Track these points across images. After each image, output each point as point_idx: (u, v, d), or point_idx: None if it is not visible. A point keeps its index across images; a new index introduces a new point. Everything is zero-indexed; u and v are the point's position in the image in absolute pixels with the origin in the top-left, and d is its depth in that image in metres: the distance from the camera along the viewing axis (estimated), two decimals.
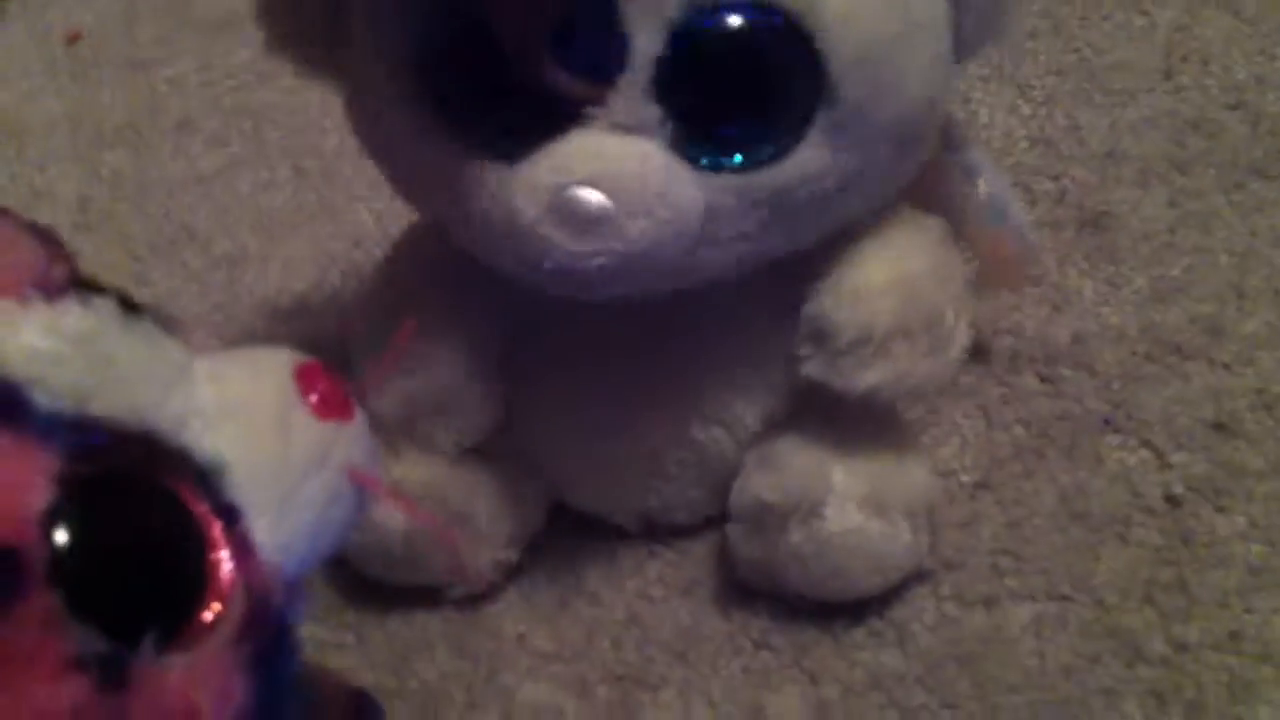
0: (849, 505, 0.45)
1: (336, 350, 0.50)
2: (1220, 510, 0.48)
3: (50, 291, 0.30)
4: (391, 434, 0.47)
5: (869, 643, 0.47)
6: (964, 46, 0.43)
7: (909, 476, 0.47)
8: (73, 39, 0.86)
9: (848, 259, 0.44)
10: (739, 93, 0.39)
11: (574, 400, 0.49)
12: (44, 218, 0.71)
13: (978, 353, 0.54)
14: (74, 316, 0.29)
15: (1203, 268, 0.56)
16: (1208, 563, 0.47)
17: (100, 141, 0.77)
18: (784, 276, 0.45)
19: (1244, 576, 0.46)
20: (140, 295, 0.65)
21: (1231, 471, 0.49)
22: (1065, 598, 0.47)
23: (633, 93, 0.38)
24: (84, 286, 0.31)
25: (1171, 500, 0.49)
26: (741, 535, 0.48)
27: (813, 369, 0.44)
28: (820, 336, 0.44)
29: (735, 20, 0.37)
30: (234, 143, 0.75)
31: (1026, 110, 0.65)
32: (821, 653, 0.47)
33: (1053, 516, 0.50)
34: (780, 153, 0.39)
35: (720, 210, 0.40)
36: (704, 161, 0.39)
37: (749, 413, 0.48)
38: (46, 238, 0.32)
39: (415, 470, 0.48)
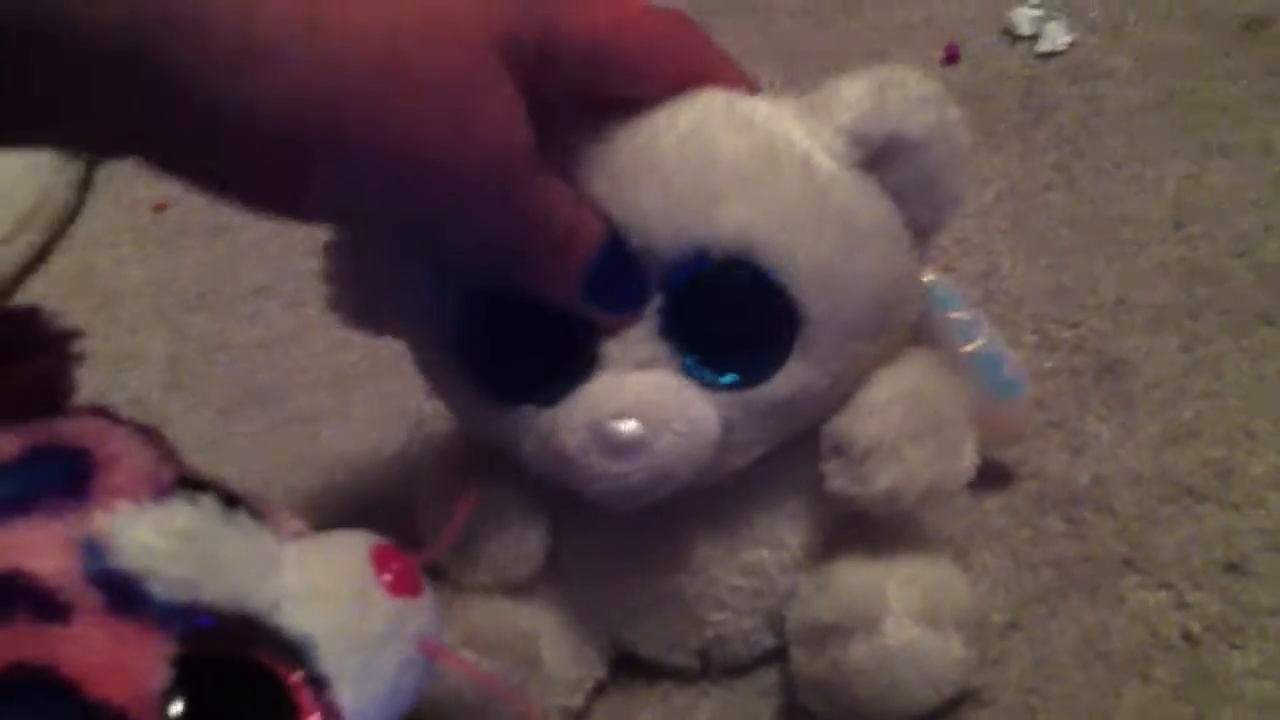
0: (905, 620, 0.48)
1: (404, 501, 0.55)
2: (1235, 648, 0.51)
3: (160, 491, 0.34)
4: (461, 585, 0.52)
5: None
6: (921, 229, 0.48)
7: (957, 592, 0.50)
8: (160, 208, 0.92)
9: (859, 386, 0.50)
10: (722, 328, 0.47)
11: (625, 546, 0.53)
12: (134, 378, 0.78)
13: (1000, 482, 0.58)
14: (182, 515, 0.34)
15: (1213, 412, 0.59)
16: (1225, 699, 0.50)
17: (185, 305, 0.83)
18: None
19: (1252, 714, 0.49)
20: (223, 450, 0.70)
21: (1244, 610, 0.52)
22: None
23: (643, 334, 0.46)
24: (189, 484, 0.35)
25: (1189, 638, 0.52)
26: (804, 657, 0.51)
27: (835, 482, 0.49)
28: (838, 449, 0.49)
29: (706, 273, 0.45)
30: (310, 304, 0.79)
31: (1044, 261, 0.69)
32: None
33: (1077, 655, 0.52)
34: (769, 371, 0.47)
35: (732, 421, 0.47)
36: (709, 383, 0.46)
37: (791, 536, 0.52)
38: (154, 439, 0.37)
39: (484, 620, 0.52)
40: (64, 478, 0.33)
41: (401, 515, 0.52)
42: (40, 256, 0.90)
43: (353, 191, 0.39)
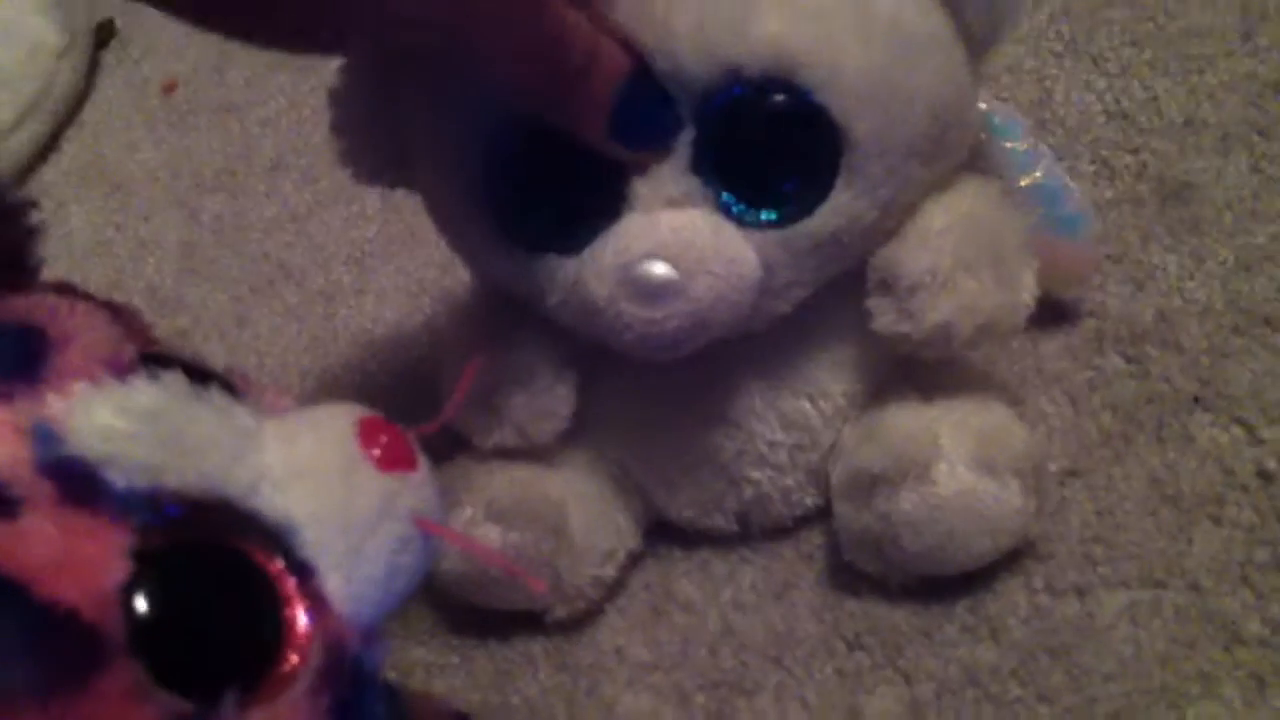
0: (959, 466, 0.45)
1: (430, 377, 0.53)
2: None
3: (121, 370, 0.31)
4: (483, 450, 0.50)
5: (962, 638, 0.47)
6: (976, 44, 0.44)
7: (1014, 436, 0.47)
8: (169, 88, 0.89)
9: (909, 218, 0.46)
10: (759, 159, 0.43)
11: (658, 402, 0.50)
12: (150, 266, 0.76)
13: (1056, 321, 0.55)
14: (144, 394, 0.31)
15: None
16: None
17: (199, 187, 0.80)
18: None
19: None
20: (242, 335, 0.68)
21: None
22: (1159, 583, 0.47)
23: (675, 169, 0.42)
24: (154, 360, 0.32)
25: (1265, 477, 0.48)
26: (850, 511, 0.48)
27: (883, 321, 0.46)
28: (887, 283, 0.45)
29: (741, 98, 0.41)
30: (324, 179, 0.77)
31: (1102, 83, 0.64)
32: (915, 651, 0.48)
33: (1143, 501, 0.49)
34: (813, 204, 0.43)
35: (773, 262, 0.43)
36: (747, 220, 0.43)
37: (834, 384, 0.49)
38: (119, 314, 0.34)
39: (506, 489, 0.49)
40: (14, 358, 0.30)
41: (426, 392, 0.49)
42: (49, 144, 0.88)
43: (392, 9, 0.37)
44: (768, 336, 0.47)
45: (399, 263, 0.70)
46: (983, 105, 0.50)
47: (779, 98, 0.41)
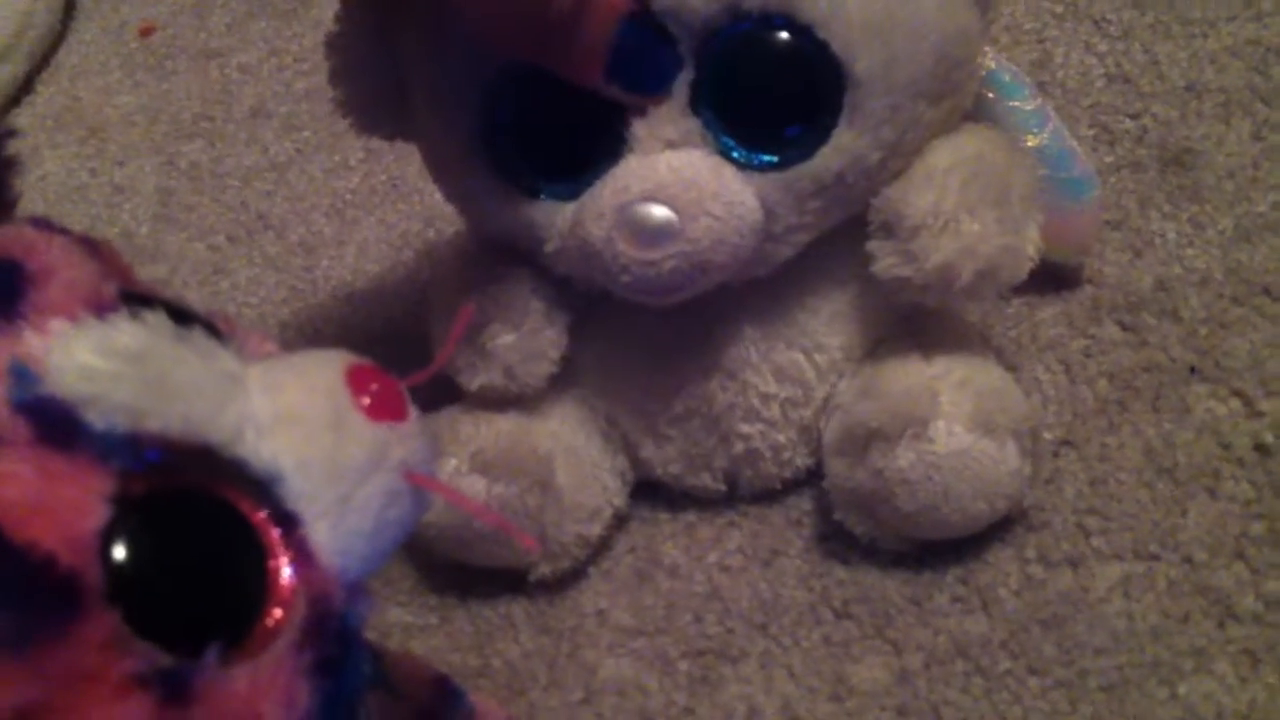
0: (957, 425, 0.44)
1: (413, 330, 0.51)
2: None
3: (102, 308, 0.30)
4: (469, 390, 0.49)
5: (952, 609, 0.47)
6: None
7: (1012, 399, 0.46)
8: (147, 32, 0.87)
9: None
10: (760, 99, 0.42)
11: (650, 352, 0.49)
12: (126, 212, 0.74)
13: (1052, 288, 0.54)
14: (126, 334, 0.29)
15: None
16: None
17: (177, 133, 0.78)
18: None
19: None
20: (220, 285, 0.67)
21: None
22: (1153, 556, 0.46)
23: (674, 111, 0.42)
24: (135, 299, 0.31)
25: (1262, 450, 0.47)
26: (844, 468, 0.47)
27: (884, 262, 0.45)
28: (889, 224, 0.45)
29: (741, 35, 0.41)
30: (306, 128, 0.75)
31: (1103, 46, 0.63)
32: (904, 621, 0.47)
33: (1139, 472, 0.48)
34: (814, 144, 0.42)
35: (774, 204, 0.43)
36: (748, 163, 0.42)
37: (830, 339, 0.48)
38: (98, 251, 0.33)
39: (495, 441, 0.48)
40: None
41: (407, 345, 0.48)
42: (23, 88, 0.85)
43: None
44: (765, 285, 0.47)
45: (381, 214, 0.68)
46: (991, 64, 0.49)
47: (780, 34, 0.41)
